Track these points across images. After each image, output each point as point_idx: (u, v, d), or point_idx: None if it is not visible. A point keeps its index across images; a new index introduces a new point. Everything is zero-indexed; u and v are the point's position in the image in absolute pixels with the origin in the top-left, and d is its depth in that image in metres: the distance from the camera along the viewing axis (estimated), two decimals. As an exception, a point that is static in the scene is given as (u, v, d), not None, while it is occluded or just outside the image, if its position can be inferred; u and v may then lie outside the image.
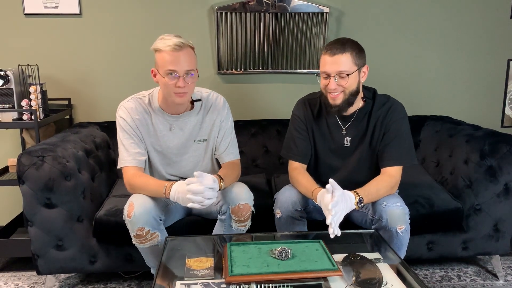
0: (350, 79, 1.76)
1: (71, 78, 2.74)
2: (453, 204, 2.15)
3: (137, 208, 1.73)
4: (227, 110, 2.00)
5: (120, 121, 1.87)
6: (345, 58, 1.74)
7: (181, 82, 1.73)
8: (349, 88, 1.78)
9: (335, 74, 1.75)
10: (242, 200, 1.82)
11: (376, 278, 1.40)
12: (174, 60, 1.71)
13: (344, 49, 1.75)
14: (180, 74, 1.73)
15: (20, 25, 2.66)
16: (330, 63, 1.76)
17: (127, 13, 2.69)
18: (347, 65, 1.75)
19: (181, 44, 1.72)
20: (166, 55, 1.72)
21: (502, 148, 2.13)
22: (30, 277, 2.35)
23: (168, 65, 1.72)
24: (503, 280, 2.27)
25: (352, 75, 1.76)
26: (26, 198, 1.96)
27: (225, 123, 1.98)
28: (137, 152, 1.86)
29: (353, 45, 1.78)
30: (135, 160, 1.85)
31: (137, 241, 1.79)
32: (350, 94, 1.79)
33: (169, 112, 1.90)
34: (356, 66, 1.77)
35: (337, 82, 1.76)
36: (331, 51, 1.76)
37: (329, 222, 1.53)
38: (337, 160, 1.94)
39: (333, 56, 1.75)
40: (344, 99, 1.80)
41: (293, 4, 2.65)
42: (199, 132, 1.96)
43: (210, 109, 1.96)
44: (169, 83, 1.74)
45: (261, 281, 1.38)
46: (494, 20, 2.85)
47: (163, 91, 1.83)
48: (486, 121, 2.87)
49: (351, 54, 1.75)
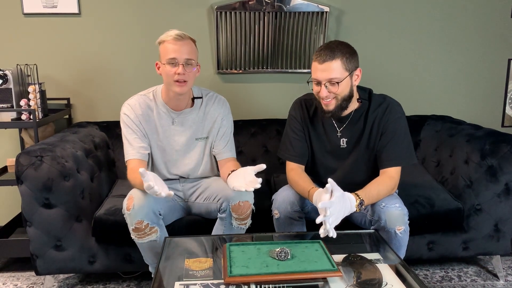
0: (341, 86, 1.74)
1: (70, 78, 2.73)
2: (453, 204, 2.14)
3: (137, 201, 1.76)
4: (228, 110, 2.06)
5: (124, 117, 1.94)
6: (335, 65, 1.71)
7: (180, 69, 1.81)
8: (341, 94, 1.76)
9: (325, 81, 1.73)
10: (242, 198, 1.83)
11: (376, 278, 1.40)
12: (175, 48, 1.81)
13: (334, 56, 1.71)
14: (180, 62, 1.81)
15: (19, 24, 2.65)
16: (320, 70, 1.73)
17: (126, 13, 2.69)
18: (337, 72, 1.72)
19: (182, 35, 1.83)
20: (168, 44, 1.82)
21: (503, 148, 2.12)
22: (29, 278, 2.34)
23: (169, 53, 1.82)
24: (503, 280, 2.26)
25: (343, 81, 1.73)
26: (25, 198, 1.96)
27: (226, 121, 2.03)
28: (140, 146, 1.93)
29: (343, 49, 1.74)
30: (138, 153, 1.92)
31: (135, 236, 1.80)
32: (342, 100, 1.77)
33: (172, 107, 1.95)
34: (347, 72, 1.74)
35: (328, 89, 1.74)
36: (320, 58, 1.73)
37: (318, 221, 1.50)
38: (334, 161, 1.93)
39: (323, 64, 1.72)
40: (336, 105, 1.78)
41: (293, 3, 2.65)
42: (200, 129, 2.00)
43: (212, 106, 2.01)
44: (170, 71, 1.82)
45: (260, 281, 1.37)
46: (494, 19, 2.84)
47: (165, 81, 1.89)
48: (486, 121, 2.87)
49: (341, 60, 1.72)
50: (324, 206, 1.50)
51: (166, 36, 1.84)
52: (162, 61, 1.85)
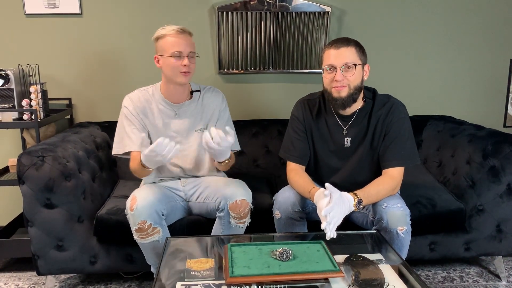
0: (356, 72, 1.77)
1: (71, 78, 2.73)
2: (455, 205, 2.13)
3: (140, 201, 1.77)
4: (226, 103, 2.11)
5: (124, 110, 1.99)
6: (351, 51, 1.77)
7: (186, 61, 1.88)
8: (354, 82, 1.78)
9: (341, 65, 1.76)
10: (240, 196, 1.85)
11: (378, 279, 1.39)
12: (179, 42, 1.88)
13: (349, 43, 1.78)
14: (185, 54, 1.88)
15: (21, 24, 2.65)
16: (335, 55, 1.77)
17: (127, 13, 2.69)
18: (352, 57, 1.77)
19: (184, 28, 1.90)
20: (170, 38, 1.88)
21: (505, 148, 2.12)
22: (31, 278, 2.34)
23: (174, 47, 1.87)
24: (505, 281, 2.26)
25: (357, 67, 1.77)
26: (26, 198, 1.96)
27: (224, 113, 2.08)
28: (138, 138, 1.96)
29: (356, 42, 1.81)
30: (135, 145, 1.95)
31: (138, 236, 1.80)
32: (354, 89, 1.79)
33: (171, 101, 2.00)
34: (360, 61, 1.79)
35: (344, 73, 1.76)
36: (336, 45, 1.78)
37: (323, 227, 1.53)
38: (337, 160, 1.93)
39: (339, 49, 1.77)
40: (349, 93, 1.79)
41: (294, 3, 2.64)
42: (199, 121, 2.04)
43: (209, 98, 2.06)
44: (176, 64, 1.88)
45: (262, 282, 1.37)
46: (496, 19, 2.83)
47: (167, 73, 1.93)
48: (488, 121, 2.86)
49: (355, 48, 1.78)
50: (326, 213, 1.54)
51: (166, 30, 1.89)
52: (165, 54, 1.89)
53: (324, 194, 1.59)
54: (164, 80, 1.98)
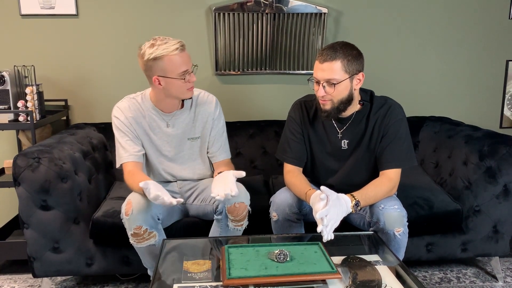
0: (339, 88, 1.73)
1: (67, 79, 2.72)
2: (452, 206, 2.14)
3: (135, 206, 1.74)
4: (220, 110, 2.05)
5: (115, 120, 1.93)
6: (335, 66, 1.70)
7: (193, 77, 1.85)
8: (336, 97, 1.75)
9: (323, 81, 1.73)
10: (238, 199, 1.83)
11: (375, 280, 1.39)
12: (184, 60, 1.81)
13: (335, 56, 1.71)
14: (190, 71, 1.84)
15: (16, 25, 2.64)
16: (320, 70, 1.73)
17: (124, 14, 2.68)
18: (335, 73, 1.71)
19: (182, 44, 1.81)
20: (175, 58, 1.79)
21: (501, 149, 2.12)
22: (26, 280, 2.33)
23: (181, 67, 1.80)
24: (502, 282, 2.26)
25: (341, 83, 1.72)
26: (22, 200, 1.94)
27: (218, 122, 2.03)
28: (133, 148, 1.91)
29: (346, 51, 1.72)
30: (132, 155, 1.90)
31: (134, 241, 1.79)
32: (339, 103, 1.77)
33: (162, 110, 1.95)
34: (347, 74, 1.72)
35: (325, 89, 1.74)
36: (322, 58, 1.73)
37: (319, 230, 1.53)
38: (335, 162, 1.93)
39: (323, 64, 1.72)
40: (332, 107, 1.77)
41: (291, 5, 2.64)
42: (192, 129, 2.00)
43: (202, 106, 2.01)
44: (184, 84, 1.83)
45: (259, 284, 1.36)
46: (493, 20, 2.84)
47: (173, 93, 1.87)
48: (484, 122, 2.87)
49: (341, 62, 1.71)
50: (321, 216, 1.53)
51: (166, 50, 1.77)
52: (170, 76, 1.80)
53: (320, 198, 1.58)
54: (158, 92, 1.89)
